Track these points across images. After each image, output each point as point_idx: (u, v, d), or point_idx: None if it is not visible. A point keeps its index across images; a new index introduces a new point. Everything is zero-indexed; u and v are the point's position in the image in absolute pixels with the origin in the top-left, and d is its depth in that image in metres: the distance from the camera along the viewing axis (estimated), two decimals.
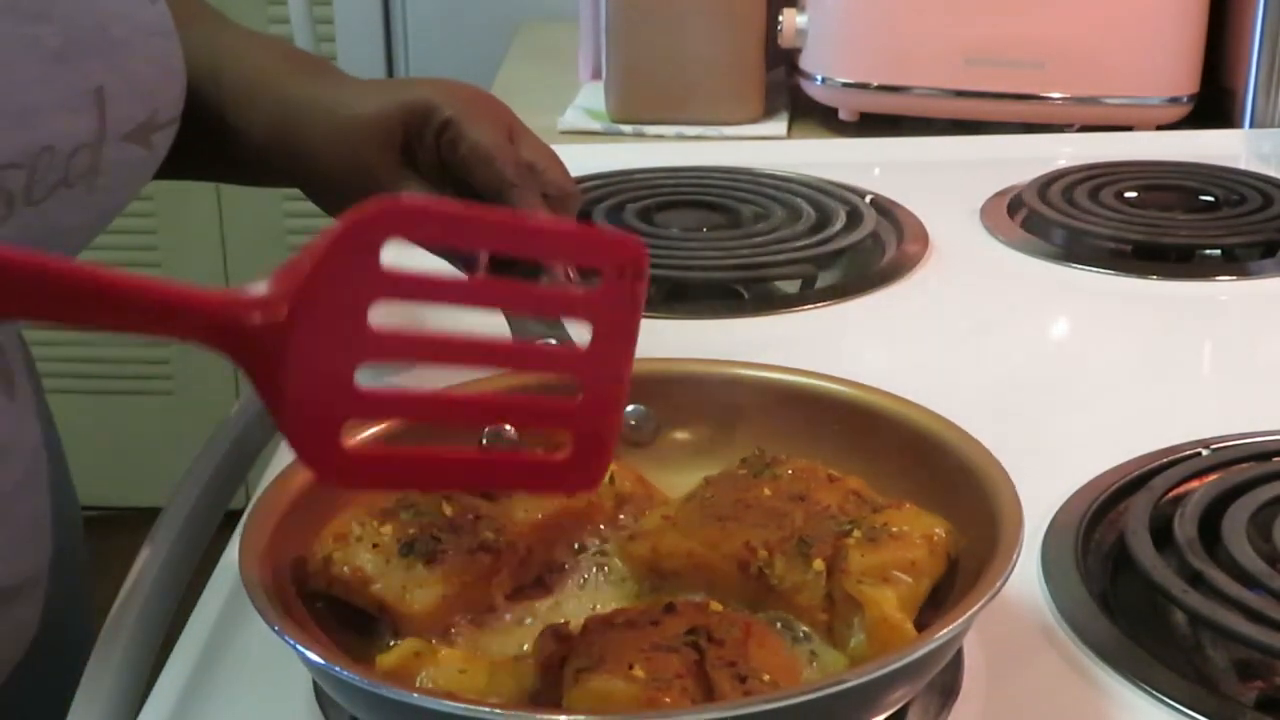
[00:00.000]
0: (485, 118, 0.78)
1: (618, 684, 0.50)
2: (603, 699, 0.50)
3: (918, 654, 0.51)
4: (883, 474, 0.64)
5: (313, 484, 0.60)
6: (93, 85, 0.66)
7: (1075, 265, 1.05)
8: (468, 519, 0.60)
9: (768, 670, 0.52)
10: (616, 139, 1.38)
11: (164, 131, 0.72)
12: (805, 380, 0.68)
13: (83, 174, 0.67)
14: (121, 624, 0.71)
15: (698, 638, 0.52)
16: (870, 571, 0.56)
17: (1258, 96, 1.35)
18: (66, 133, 0.66)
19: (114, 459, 2.48)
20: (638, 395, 0.68)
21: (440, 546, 0.58)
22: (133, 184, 0.72)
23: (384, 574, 0.57)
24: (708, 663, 0.51)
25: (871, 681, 0.50)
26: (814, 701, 0.49)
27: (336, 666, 0.51)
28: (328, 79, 0.83)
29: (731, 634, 0.53)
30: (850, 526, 0.58)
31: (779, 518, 0.59)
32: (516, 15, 1.83)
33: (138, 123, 0.70)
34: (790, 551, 0.58)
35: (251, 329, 0.49)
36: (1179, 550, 0.66)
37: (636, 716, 0.50)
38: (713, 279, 1.01)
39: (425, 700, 0.50)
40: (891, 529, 0.58)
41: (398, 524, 0.59)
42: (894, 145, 1.33)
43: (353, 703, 0.53)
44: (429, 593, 0.57)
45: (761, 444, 0.66)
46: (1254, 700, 0.60)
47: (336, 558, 0.58)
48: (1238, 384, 0.90)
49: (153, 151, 0.72)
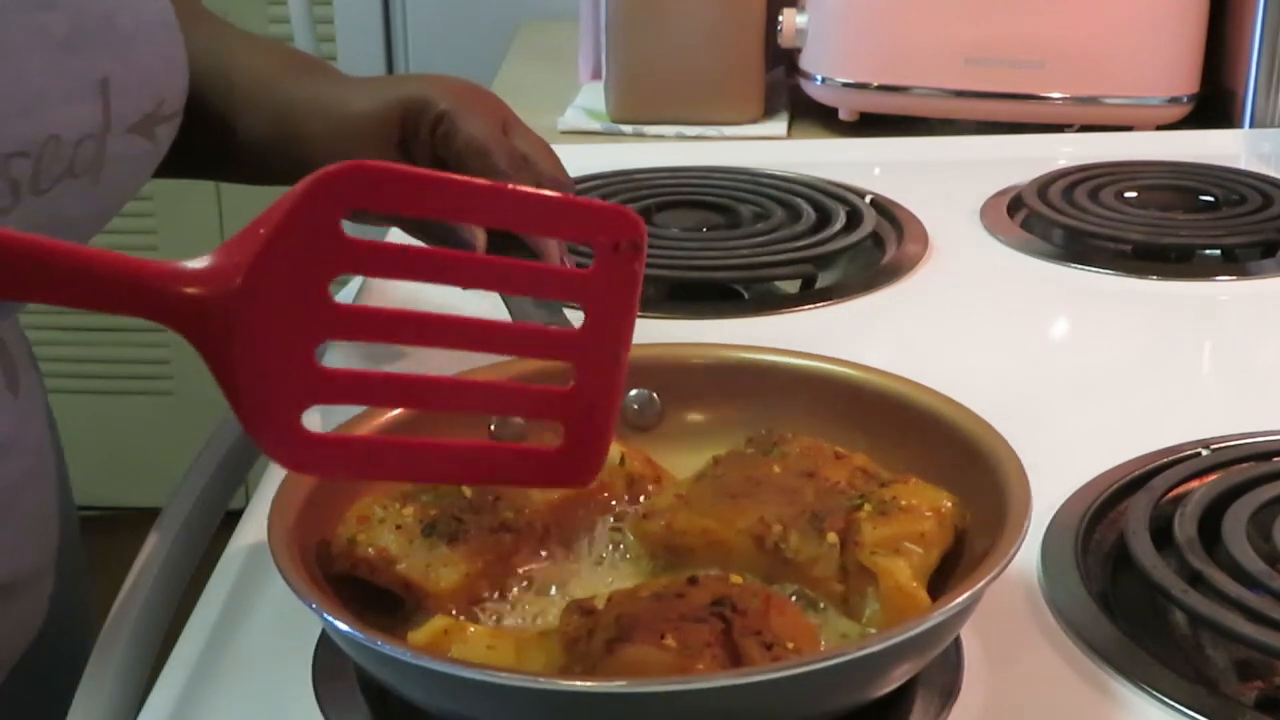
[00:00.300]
0: (479, 111, 0.78)
1: (652, 653, 0.51)
2: (637, 668, 0.51)
3: (936, 620, 0.51)
4: (887, 453, 0.64)
5: None
6: (98, 75, 0.67)
7: (1075, 265, 1.05)
8: (487, 500, 0.61)
9: (791, 638, 0.53)
10: (616, 139, 1.38)
11: (168, 124, 0.73)
12: (808, 363, 0.69)
13: (88, 165, 0.67)
14: (121, 624, 0.71)
15: (723, 608, 0.53)
16: (883, 543, 0.58)
17: (1258, 96, 1.35)
18: (72, 122, 0.66)
19: (114, 459, 2.48)
20: (641, 379, 0.69)
21: (463, 527, 0.59)
22: (137, 177, 0.73)
23: (408, 554, 0.58)
24: (735, 631, 0.52)
25: (895, 646, 0.50)
26: (840, 665, 0.50)
27: (387, 645, 0.51)
28: (325, 78, 0.84)
29: (753, 605, 0.53)
30: (861, 501, 0.60)
31: (790, 493, 0.60)
32: (516, 15, 1.83)
33: (143, 114, 0.70)
34: (804, 526, 0.59)
35: (195, 301, 0.46)
36: (1179, 550, 0.66)
37: (682, 679, 0.50)
38: (713, 279, 1.01)
39: (477, 673, 0.50)
40: (900, 502, 0.59)
41: (419, 506, 0.60)
42: (894, 145, 1.33)
43: (403, 679, 0.53)
44: (453, 570, 0.58)
45: (764, 424, 0.66)
46: (1254, 700, 0.60)
47: (360, 539, 0.59)
48: (1238, 384, 0.90)
49: (156, 144, 0.72)
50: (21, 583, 0.73)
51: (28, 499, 0.73)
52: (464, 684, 0.50)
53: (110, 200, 0.71)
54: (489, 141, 0.77)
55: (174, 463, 1.06)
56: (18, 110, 0.64)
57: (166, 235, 2.43)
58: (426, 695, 0.53)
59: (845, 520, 0.59)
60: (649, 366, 0.69)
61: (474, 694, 0.50)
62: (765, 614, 0.53)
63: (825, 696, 0.52)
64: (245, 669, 0.63)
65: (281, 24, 2.07)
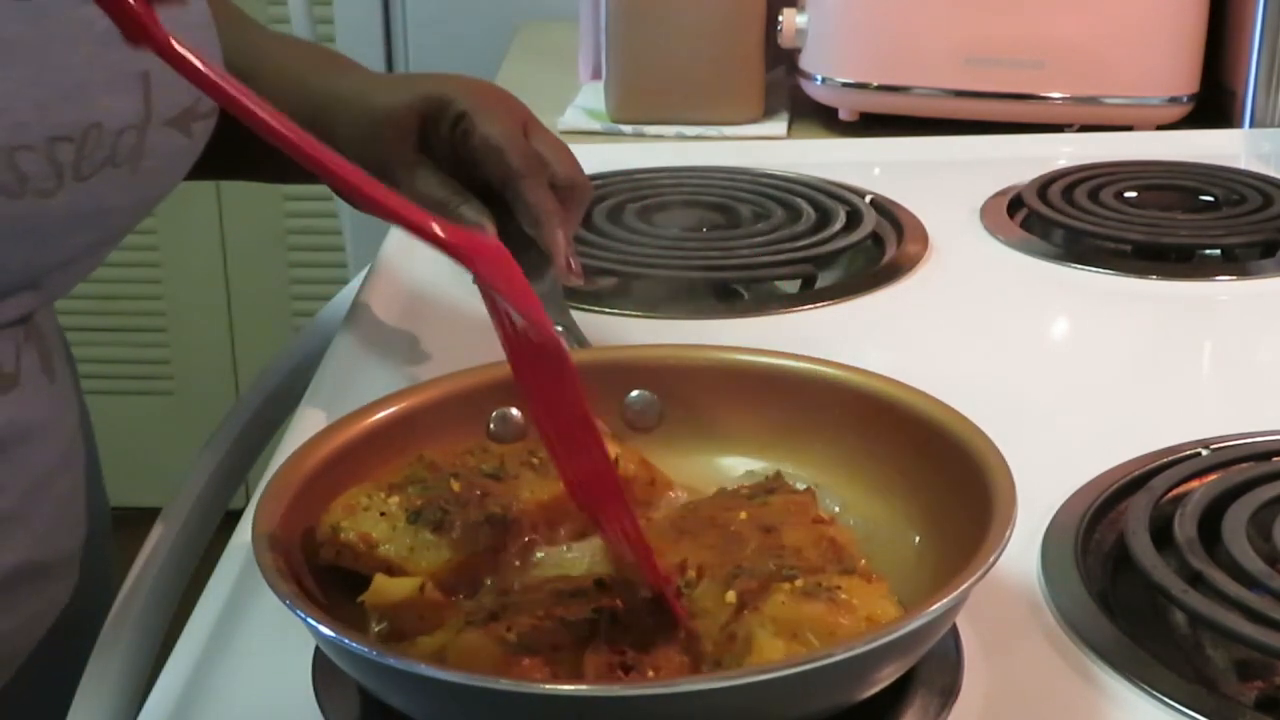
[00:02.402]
0: (498, 111, 0.80)
1: (485, 643, 0.52)
2: (467, 654, 0.52)
3: (914, 625, 0.51)
4: (879, 455, 0.64)
5: (320, 467, 0.61)
6: (139, 69, 0.69)
7: (1075, 265, 1.05)
8: (475, 495, 0.61)
9: (663, 667, 0.52)
10: (616, 139, 1.38)
11: (204, 121, 0.75)
12: (804, 365, 0.69)
13: (129, 155, 0.70)
14: (122, 624, 0.71)
15: (600, 617, 0.53)
16: (783, 622, 0.53)
17: (1258, 96, 1.35)
18: (114, 112, 0.69)
19: (114, 459, 2.47)
20: (641, 381, 0.69)
21: (449, 517, 0.60)
22: (174, 171, 0.75)
23: (391, 538, 0.59)
24: (596, 644, 0.52)
25: (877, 649, 0.50)
26: (822, 668, 0.50)
27: (345, 638, 0.51)
28: (348, 74, 0.86)
29: (644, 622, 0.53)
30: (796, 574, 0.55)
31: (732, 544, 0.58)
32: (516, 15, 1.83)
33: (182, 108, 0.73)
34: (720, 578, 0.56)
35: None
36: (1179, 550, 0.66)
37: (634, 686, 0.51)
38: (713, 279, 1.01)
39: (434, 671, 0.50)
40: (840, 595, 0.54)
41: (405, 496, 0.61)
42: (894, 145, 1.33)
43: (360, 672, 0.54)
44: (436, 554, 0.59)
45: (762, 427, 0.66)
46: (1254, 700, 0.60)
47: (344, 525, 0.59)
48: (1238, 384, 0.90)
49: (193, 140, 0.75)
50: (51, 564, 0.74)
51: (61, 484, 0.74)
52: (419, 681, 0.50)
53: (149, 191, 0.74)
54: (505, 141, 0.78)
55: (174, 463, 1.06)
56: (61, 95, 0.66)
57: (167, 236, 2.43)
58: (384, 691, 0.53)
59: (761, 584, 0.55)
60: (649, 368, 0.69)
61: (424, 691, 0.51)
62: (652, 635, 0.53)
63: (800, 702, 0.52)
64: (245, 669, 0.63)
65: (282, 24, 2.07)
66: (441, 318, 0.94)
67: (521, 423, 0.67)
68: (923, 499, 0.63)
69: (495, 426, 0.67)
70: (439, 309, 0.77)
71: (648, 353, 0.72)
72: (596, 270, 0.97)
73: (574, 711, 0.50)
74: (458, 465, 0.63)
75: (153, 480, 1.80)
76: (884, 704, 0.56)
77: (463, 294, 0.58)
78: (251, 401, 0.93)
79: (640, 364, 0.70)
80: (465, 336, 0.88)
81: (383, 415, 0.65)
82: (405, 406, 0.66)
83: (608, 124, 1.40)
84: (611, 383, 0.68)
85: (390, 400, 0.66)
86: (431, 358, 0.87)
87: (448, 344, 0.89)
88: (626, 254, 1.01)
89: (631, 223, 1.08)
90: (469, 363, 0.68)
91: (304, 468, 0.61)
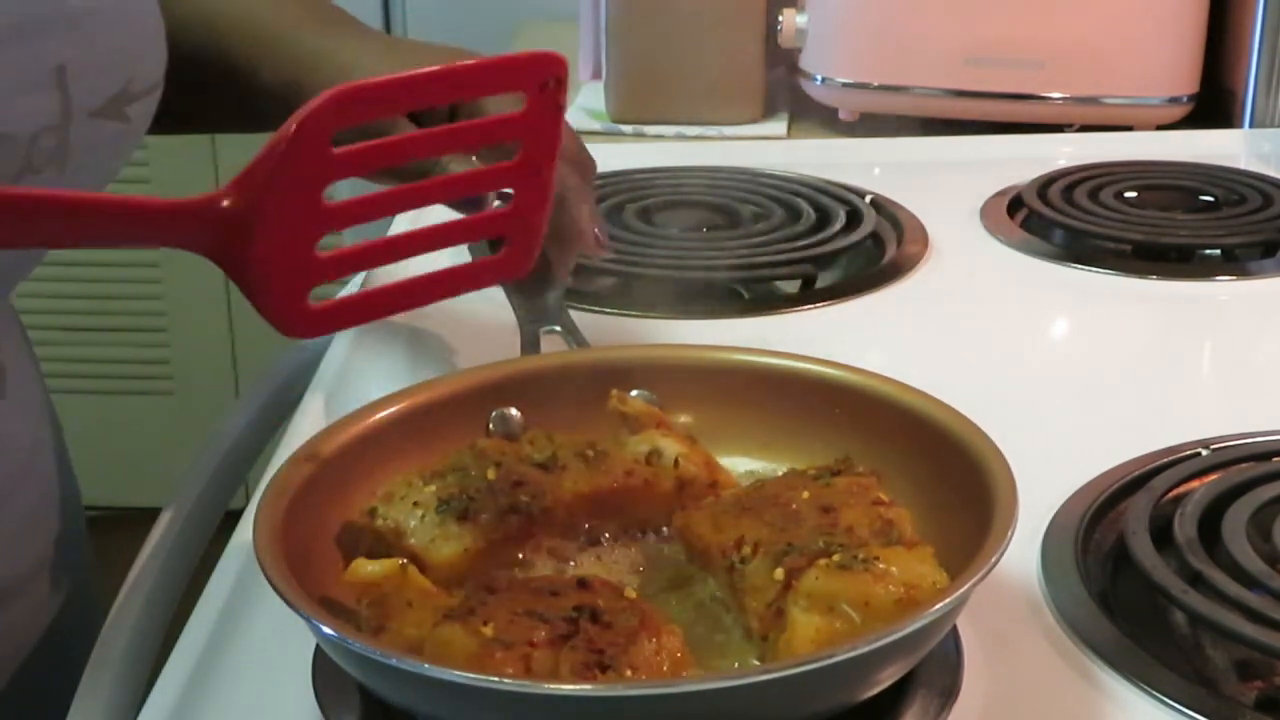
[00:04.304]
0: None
1: (460, 635, 0.52)
2: (441, 647, 0.52)
3: (900, 633, 0.51)
4: (879, 456, 0.64)
5: (321, 466, 0.61)
6: (52, 64, 0.64)
7: (1075, 265, 1.05)
8: (508, 484, 0.62)
9: (642, 666, 0.52)
10: (616, 139, 1.38)
11: (142, 101, 0.70)
12: (804, 365, 0.69)
13: (49, 158, 0.65)
14: (121, 624, 0.71)
15: (581, 616, 0.53)
16: (817, 596, 0.54)
17: (1258, 96, 1.35)
18: (24, 117, 0.63)
19: (114, 459, 2.48)
20: (641, 381, 0.69)
21: (475, 505, 0.61)
22: (111, 160, 0.71)
23: (418, 528, 0.60)
24: (573, 643, 0.52)
25: (876, 650, 0.50)
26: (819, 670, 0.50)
27: (346, 637, 0.51)
28: (343, 30, 0.83)
29: (625, 623, 0.53)
30: (837, 550, 0.56)
31: (790, 522, 0.59)
32: (516, 15, 1.83)
33: (109, 96, 0.68)
34: (773, 555, 0.57)
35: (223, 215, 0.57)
36: (1179, 550, 0.66)
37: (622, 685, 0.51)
38: (713, 279, 1.01)
39: (434, 671, 0.50)
40: (878, 565, 0.55)
41: (442, 484, 0.62)
42: (894, 145, 1.33)
43: (352, 665, 0.54)
44: (454, 544, 0.60)
45: (761, 427, 0.67)
46: (1254, 700, 0.60)
47: (380, 511, 0.61)
48: (1238, 384, 0.90)
49: (130, 124, 0.70)
50: (8, 588, 0.72)
51: (19, 500, 0.72)
52: (421, 680, 0.50)
53: (84, 186, 0.68)
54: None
55: (174, 463, 1.06)
56: None
57: None
58: (385, 690, 0.54)
59: (808, 562, 0.56)
60: (648, 367, 0.69)
61: (425, 689, 0.51)
62: (633, 636, 0.53)
63: (800, 702, 0.52)
64: (245, 669, 0.63)
65: None
66: (441, 318, 0.94)
67: (521, 423, 0.67)
68: (923, 499, 0.62)
69: (495, 426, 0.67)
70: (439, 309, 0.77)
71: (647, 353, 0.72)
72: (596, 270, 0.97)
73: (576, 711, 0.50)
74: (507, 453, 0.63)
75: (153, 480, 1.80)
76: (884, 704, 0.56)
77: (463, 294, 0.58)
78: (251, 401, 0.93)
79: (639, 364, 0.70)
80: (465, 336, 0.88)
81: (384, 415, 0.65)
82: (406, 406, 0.66)
83: (608, 124, 1.40)
84: (611, 383, 0.68)
85: (391, 400, 0.66)
86: (431, 358, 0.87)
87: (448, 344, 0.89)
88: (626, 254, 1.01)
89: (631, 223, 1.08)
90: (469, 363, 0.68)
91: (304, 468, 0.61)
